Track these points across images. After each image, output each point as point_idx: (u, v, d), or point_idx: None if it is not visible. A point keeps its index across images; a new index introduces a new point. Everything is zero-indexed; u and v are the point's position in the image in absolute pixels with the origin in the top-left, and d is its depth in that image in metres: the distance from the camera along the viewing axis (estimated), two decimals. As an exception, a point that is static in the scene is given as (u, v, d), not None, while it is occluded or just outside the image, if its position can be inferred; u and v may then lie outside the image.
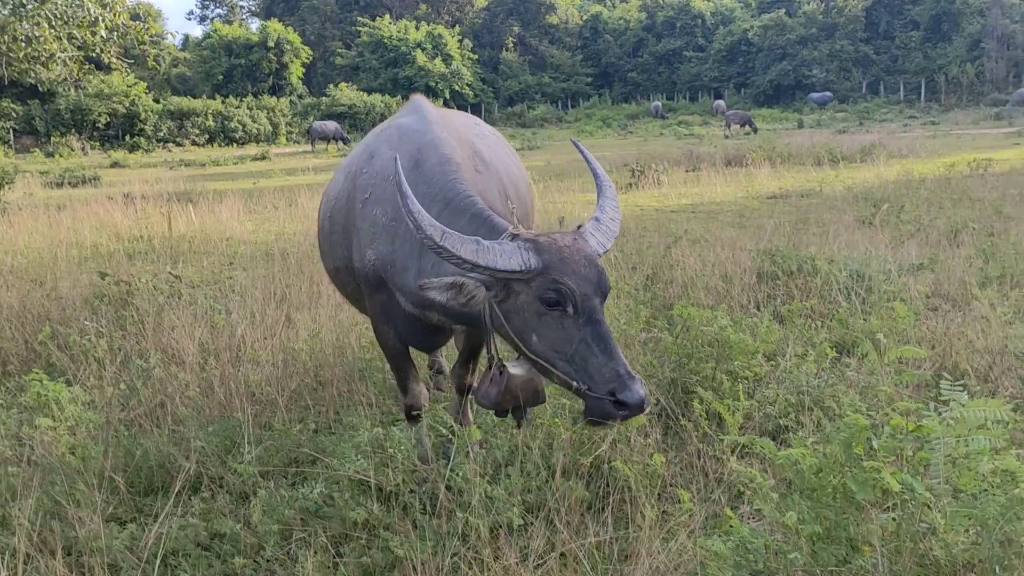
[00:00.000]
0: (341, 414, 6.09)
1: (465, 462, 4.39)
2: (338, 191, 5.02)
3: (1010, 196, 14.31)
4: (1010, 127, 37.18)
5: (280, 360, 6.85)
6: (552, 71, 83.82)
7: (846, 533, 3.44)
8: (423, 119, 4.90)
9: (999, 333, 6.58)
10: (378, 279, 4.55)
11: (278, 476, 5.01)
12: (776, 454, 3.61)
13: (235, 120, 62.25)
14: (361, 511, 4.16)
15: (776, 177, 20.37)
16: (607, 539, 3.99)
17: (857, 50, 74.69)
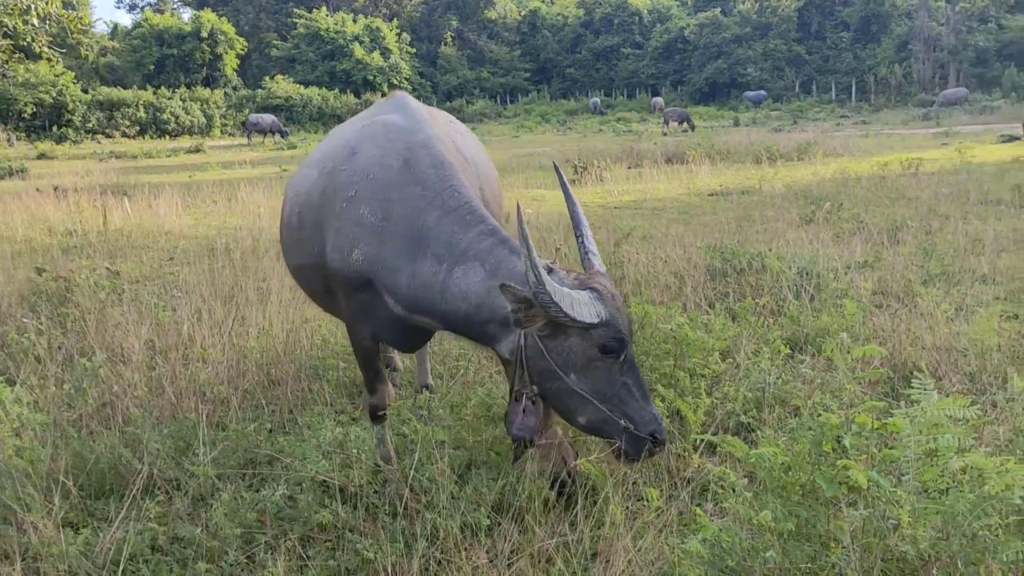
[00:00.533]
0: (296, 413, 6.00)
1: (429, 463, 4.34)
2: (309, 187, 4.86)
3: (942, 195, 14.66)
4: (937, 127, 38.12)
5: (231, 358, 6.71)
6: (491, 66, 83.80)
7: (816, 530, 3.48)
8: (411, 116, 4.81)
9: (944, 330, 6.73)
10: (363, 279, 4.44)
11: (235, 478, 4.90)
12: (746, 452, 3.63)
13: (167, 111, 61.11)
14: (326, 513, 4.09)
15: (716, 174, 20.62)
16: (576, 538, 3.98)
17: (790, 50, 76.01)
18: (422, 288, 4.27)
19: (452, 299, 4.18)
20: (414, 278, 4.27)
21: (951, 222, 11.91)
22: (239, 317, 7.88)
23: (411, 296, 4.31)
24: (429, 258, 4.25)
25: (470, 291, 4.14)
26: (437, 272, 4.21)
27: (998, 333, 6.61)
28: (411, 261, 4.28)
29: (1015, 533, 3.34)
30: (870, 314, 7.36)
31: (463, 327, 4.27)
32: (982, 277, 8.73)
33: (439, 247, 4.25)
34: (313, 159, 5.12)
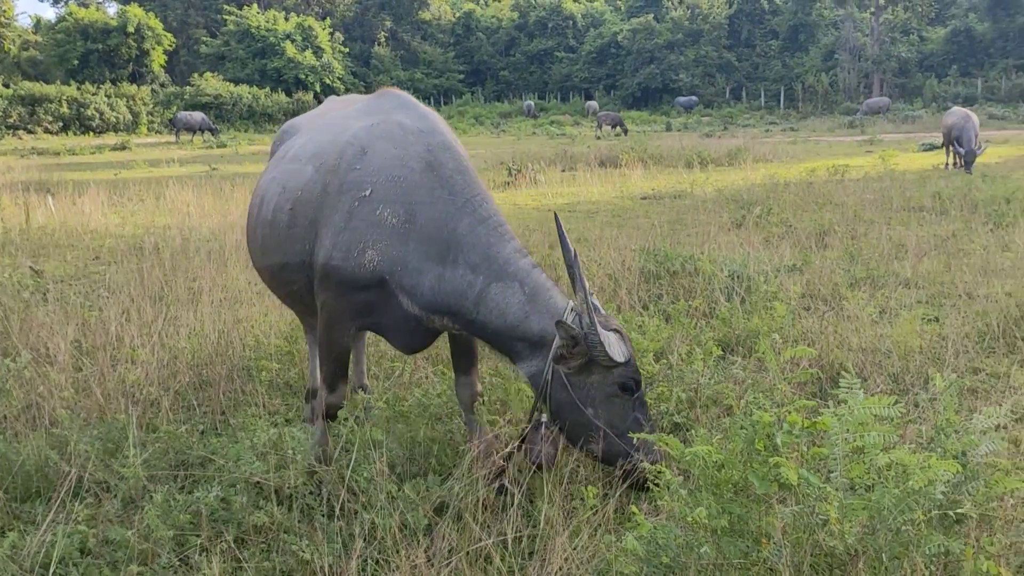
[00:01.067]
0: (228, 415, 5.91)
1: (367, 463, 4.33)
2: (304, 184, 4.74)
3: (867, 201, 15.06)
4: (862, 135, 39.10)
5: (161, 359, 6.60)
6: (425, 67, 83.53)
7: (749, 526, 3.55)
8: (424, 117, 4.78)
9: (869, 332, 6.91)
10: (372, 279, 4.42)
11: (167, 480, 4.82)
12: (681, 451, 3.69)
13: (92, 107, 59.68)
14: (261, 514, 4.04)
15: (649, 178, 20.87)
16: (513, 537, 4.00)
17: (721, 57, 77.23)
18: (451, 294, 4.39)
19: (486, 312, 4.35)
20: (441, 282, 4.38)
21: (875, 227, 12.24)
22: (169, 317, 7.74)
23: (435, 299, 4.41)
24: (461, 266, 4.36)
25: (508, 310, 4.33)
26: (472, 283, 4.35)
27: (919, 335, 6.82)
28: (438, 265, 4.38)
29: (937, 527, 3.45)
30: (799, 316, 7.53)
31: (488, 336, 4.47)
32: (905, 281, 8.99)
33: (475, 256, 4.37)
34: (302, 154, 4.95)
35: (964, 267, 9.34)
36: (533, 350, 4.34)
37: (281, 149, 5.39)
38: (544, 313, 4.31)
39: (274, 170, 5.12)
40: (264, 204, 5.00)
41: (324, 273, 4.53)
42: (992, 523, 3.68)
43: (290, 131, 5.65)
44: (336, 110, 5.39)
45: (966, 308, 7.86)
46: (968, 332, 7.16)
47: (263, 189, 5.09)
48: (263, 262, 5.14)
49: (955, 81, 65.10)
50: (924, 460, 3.34)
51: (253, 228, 5.19)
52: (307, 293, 4.83)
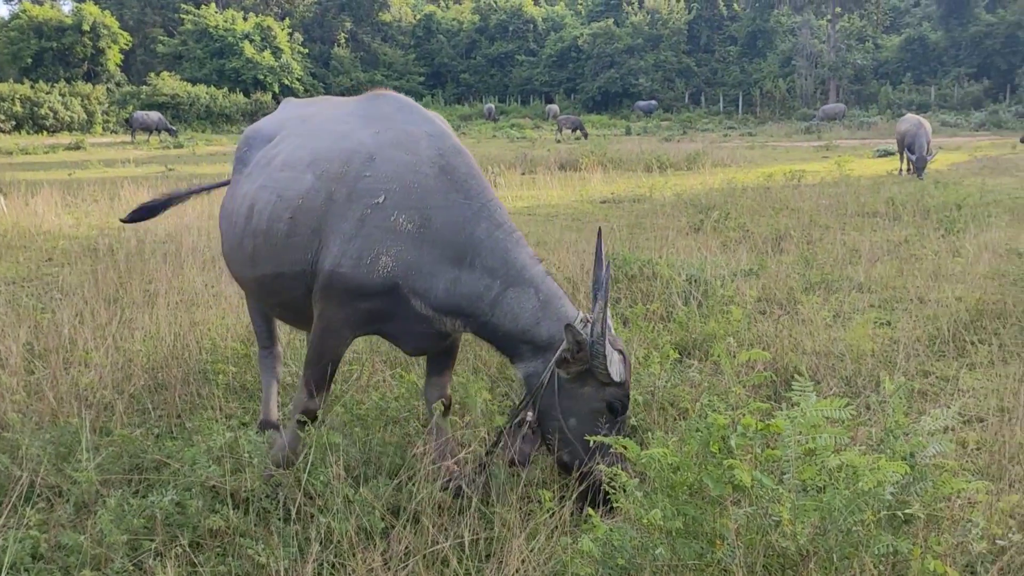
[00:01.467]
0: (184, 418, 5.87)
1: (324, 466, 4.31)
2: (304, 192, 4.61)
3: (823, 206, 15.27)
4: (819, 140, 39.61)
5: (116, 362, 6.52)
6: (385, 69, 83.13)
7: (703, 528, 3.60)
8: (430, 120, 4.78)
9: (823, 335, 7.02)
10: (385, 285, 4.40)
11: (121, 484, 4.77)
12: (637, 453, 3.73)
13: (45, 106, 58.66)
14: (217, 518, 4.02)
15: (608, 182, 20.98)
16: (471, 539, 4.01)
17: (680, 61, 77.80)
18: (466, 297, 4.44)
19: (500, 316, 4.44)
20: (456, 284, 4.42)
21: (830, 232, 12.41)
22: (124, 320, 7.66)
23: (449, 301, 4.45)
24: (479, 269, 4.42)
25: (521, 315, 4.42)
26: (490, 287, 4.42)
27: (872, 339, 6.94)
28: (453, 268, 4.42)
29: (886, 528, 3.52)
30: (754, 320, 7.62)
31: (497, 337, 4.54)
32: (858, 285, 9.14)
33: (493, 261, 4.43)
34: (295, 161, 4.80)
35: (916, 272, 9.52)
36: (536, 353, 4.44)
37: (258, 156, 5.20)
38: (554, 320, 4.41)
39: (260, 178, 4.94)
40: (255, 213, 4.83)
41: (329, 281, 4.47)
42: (940, 523, 3.76)
43: (259, 136, 5.43)
44: (319, 114, 5.23)
45: (917, 312, 8.00)
46: (919, 336, 7.30)
47: (251, 198, 4.91)
48: (252, 272, 4.97)
49: (909, 88, 66.19)
50: (873, 462, 3.41)
51: (238, 238, 4.99)
52: (303, 303, 4.75)
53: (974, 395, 6.15)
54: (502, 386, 5.98)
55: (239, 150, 5.51)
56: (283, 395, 6.36)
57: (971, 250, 10.16)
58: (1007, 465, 4.66)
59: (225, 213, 5.31)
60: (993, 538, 3.70)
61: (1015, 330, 7.18)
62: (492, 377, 6.09)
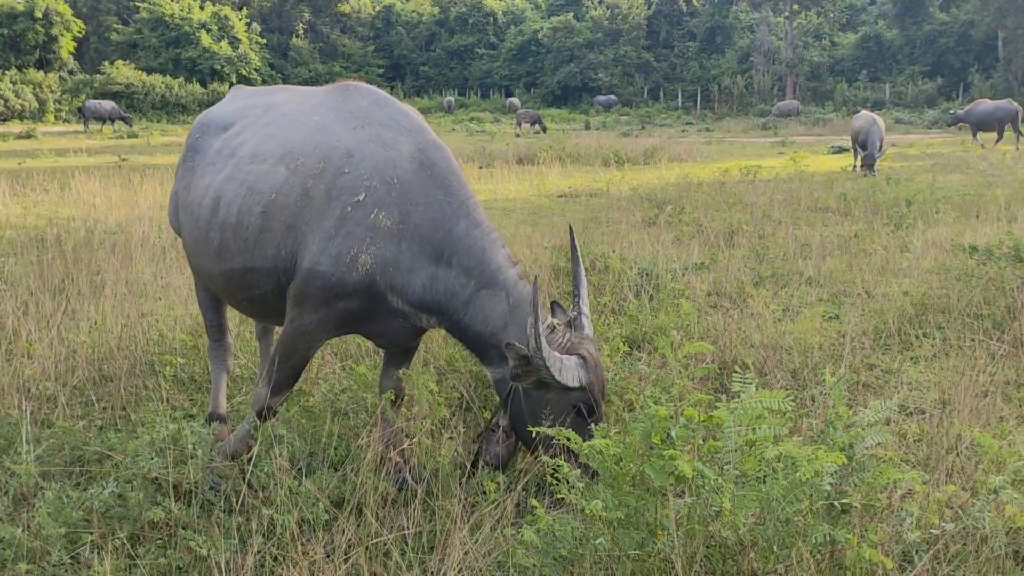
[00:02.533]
0: (129, 410, 5.80)
1: (268, 458, 4.29)
2: (278, 186, 4.50)
3: (776, 201, 15.41)
4: (775, 137, 39.96)
5: (59, 353, 6.42)
6: (344, 60, 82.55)
7: (645, 518, 3.62)
8: (407, 114, 4.74)
9: (772, 329, 7.10)
10: (364, 284, 4.35)
11: (62, 477, 4.70)
12: (580, 444, 3.75)
13: (-4, 94, 57.60)
14: (158, 511, 3.97)
15: (566, 176, 21.02)
16: (415, 531, 4.01)
17: (640, 56, 78.11)
18: (443, 294, 4.45)
19: (472, 315, 4.46)
20: (434, 282, 4.42)
21: (783, 227, 12.54)
22: (69, 311, 7.54)
23: (426, 297, 4.45)
24: (455, 267, 4.42)
25: (491, 317, 4.44)
26: (464, 285, 4.42)
27: (819, 332, 7.03)
28: (432, 264, 4.41)
29: (825, 518, 3.58)
30: (705, 313, 7.69)
31: (467, 339, 4.58)
32: (808, 280, 9.24)
33: (470, 260, 4.43)
34: (265, 153, 4.67)
35: (865, 267, 9.66)
36: (503, 358, 4.42)
37: (216, 144, 5.03)
38: (521, 326, 4.40)
39: (226, 169, 4.79)
40: (222, 206, 4.69)
41: (306, 280, 4.39)
42: (876, 512, 3.82)
43: (213, 124, 5.26)
44: (284, 103, 5.07)
45: (864, 306, 8.12)
46: (865, 329, 7.41)
47: (216, 190, 4.75)
48: (218, 267, 4.80)
49: (864, 86, 67.01)
50: (812, 453, 3.45)
51: (202, 231, 4.83)
52: (273, 298, 4.67)
53: (917, 388, 6.26)
54: (450, 378, 5.97)
55: (191, 137, 5.33)
56: (232, 388, 6.31)
57: (918, 245, 10.32)
58: (945, 456, 4.75)
59: (183, 204, 5.15)
60: (928, 527, 3.77)
61: (958, 324, 7.31)
62: (440, 369, 6.07)
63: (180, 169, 5.34)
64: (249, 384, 6.41)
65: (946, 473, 4.57)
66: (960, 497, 4.19)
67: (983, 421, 5.24)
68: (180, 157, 5.41)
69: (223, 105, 5.51)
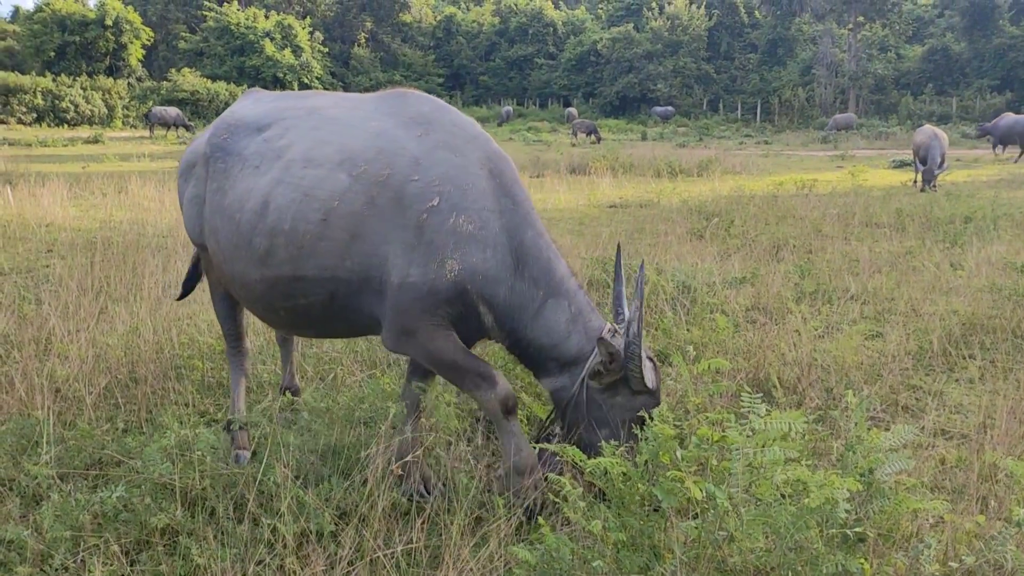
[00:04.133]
0: (154, 413, 5.82)
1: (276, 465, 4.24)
2: (339, 193, 4.33)
3: (829, 215, 15.09)
4: (835, 150, 39.31)
5: (91, 355, 6.48)
6: (404, 69, 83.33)
7: (650, 540, 3.51)
8: (469, 123, 4.66)
9: (808, 346, 6.89)
10: (457, 290, 4.24)
11: (78, 478, 4.72)
12: (586, 462, 3.65)
13: (67, 100, 59.08)
14: (163, 516, 3.95)
15: (617, 187, 20.88)
16: (420, 546, 3.93)
17: (699, 68, 77.57)
18: (517, 308, 4.38)
19: (538, 328, 4.39)
20: (511, 294, 4.36)
21: (833, 242, 12.27)
22: (107, 313, 7.63)
23: (505, 311, 4.39)
24: (526, 279, 4.36)
25: (555, 328, 4.38)
26: (534, 297, 4.38)
27: (859, 351, 6.82)
28: (510, 275, 4.35)
29: (840, 546, 3.43)
30: (742, 329, 7.51)
31: (528, 352, 4.50)
32: (852, 296, 8.99)
33: (537, 270, 4.38)
34: (320, 158, 4.48)
35: (913, 284, 9.37)
36: (562, 368, 4.41)
37: (253, 147, 4.80)
38: (582, 334, 4.38)
39: (272, 172, 4.57)
40: (271, 211, 4.47)
41: (400, 296, 4.25)
42: (893, 543, 3.66)
43: (243, 125, 4.97)
44: (331, 107, 4.88)
45: (910, 325, 7.87)
46: (909, 348, 7.17)
47: (264, 193, 4.52)
48: (261, 273, 4.58)
49: (930, 99, 65.73)
50: (824, 478, 3.31)
51: (245, 236, 4.59)
52: (320, 308, 4.52)
53: (959, 411, 6.03)
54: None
55: (216, 137, 5.02)
56: (258, 393, 6.31)
57: (972, 263, 10.01)
58: (978, 484, 4.54)
59: (215, 208, 4.87)
60: (951, 559, 3.59)
61: (1006, 346, 7.04)
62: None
63: (202, 170, 5.03)
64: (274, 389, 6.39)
65: (979, 502, 4.37)
66: (991, 528, 4.00)
67: (1022, 449, 5.01)
68: (192, 160, 5.19)
69: (246, 106, 5.24)
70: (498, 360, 5.86)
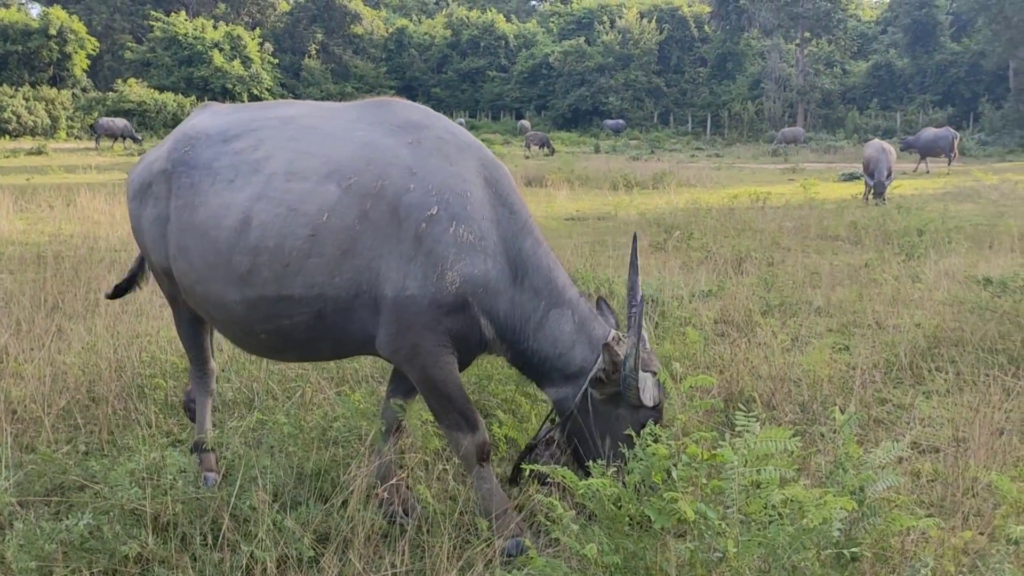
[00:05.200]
0: (116, 435, 5.63)
1: (252, 488, 4.10)
2: (329, 206, 4.15)
3: (786, 228, 15.23)
4: (785, 163, 39.81)
5: (48, 374, 6.26)
6: (356, 81, 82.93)
7: (643, 562, 3.44)
8: (459, 130, 4.53)
9: (779, 360, 6.89)
10: (459, 302, 4.13)
11: (39, 505, 4.53)
12: (575, 483, 3.57)
13: (9, 110, 57.84)
14: (134, 544, 3.80)
15: (574, 199, 20.91)
16: (403, 570, 3.82)
17: (650, 81, 78.25)
18: (519, 319, 4.31)
19: (542, 339, 4.33)
20: (513, 306, 4.28)
21: (792, 255, 12.37)
22: (63, 330, 7.39)
23: (507, 323, 4.31)
24: (527, 289, 4.29)
25: (560, 338, 4.33)
26: (536, 308, 4.30)
27: (829, 365, 6.83)
28: (510, 286, 4.27)
29: (834, 565, 3.38)
30: (711, 342, 7.49)
31: (531, 364, 4.44)
32: (817, 309, 9.04)
33: (538, 280, 4.31)
34: (305, 171, 4.27)
35: (875, 297, 9.45)
36: (566, 380, 4.37)
37: (224, 160, 4.47)
38: (586, 343, 4.34)
39: (251, 187, 4.31)
40: (253, 228, 4.23)
41: (397, 311, 4.10)
42: (887, 561, 3.63)
43: (206, 137, 4.63)
44: (309, 116, 4.63)
45: (875, 338, 7.92)
46: (876, 362, 7.21)
47: (244, 209, 4.27)
48: (241, 294, 4.33)
49: (875, 114, 66.88)
50: (819, 497, 3.26)
51: (224, 255, 4.32)
52: (303, 330, 4.31)
53: (930, 424, 6.05)
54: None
55: (177, 151, 4.65)
56: (224, 413, 6.14)
57: (930, 276, 10.12)
58: (961, 499, 4.54)
59: (185, 226, 4.52)
60: (943, 576, 3.57)
61: (972, 358, 7.10)
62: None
63: (163, 188, 4.67)
64: (243, 409, 6.22)
65: (962, 517, 4.37)
66: (978, 543, 3.99)
67: (999, 461, 5.02)
68: (146, 179, 4.80)
69: (204, 119, 4.88)
70: (471, 372, 5.76)
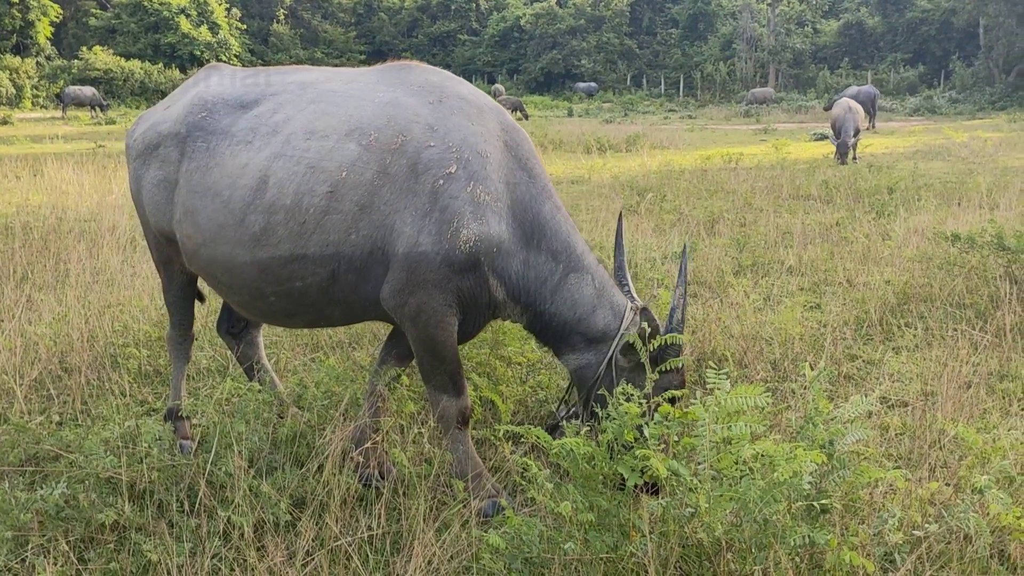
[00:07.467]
0: (89, 404, 5.61)
1: (228, 456, 4.11)
2: (349, 163, 4.15)
3: (758, 189, 15.28)
4: (757, 124, 39.86)
5: (19, 345, 6.22)
6: (325, 47, 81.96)
7: (617, 520, 3.49)
8: (479, 92, 4.53)
9: (752, 319, 6.96)
10: (471, 261, 4.14)
11: (14, 476, 4.52)
12: (550, 443, 3.60)
13: (-29, 80, 56.85)
14: (110, 512, 3.80)
15: (548, 163, 20.83)
16: (379, 532, 3.86)
17: (622, 43, 77.83)
18: (534, 281, 4.32)
19: (560, 303, 4.34)
20: (526, 268, 4.29)
21: (764, 215, 12.42)
22: (33, 301, 7.34)
23: (520, 285, 4.32)
24: (544, 252, 4.30)
25: (580, 302, 4.34)
26: (554, 271, 4.31)
27: (800, 323, 6.90)
28: (524, 248, 4.27)
29: (804, 518, 3.44)
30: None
31: (550, 329, 4.44)
32: (789, 268, 9.12)
33: (556, 243, 4.32)
34: (325, 129, 4.28)
35: (846, 255, 9.54)
36: (589, 344, 4.38)
37: (242, 123, 4.50)
38: (608, 309, 4.37)
39: (270, 147, 4.33)
40: (271, 186, 4.24)
41: (409, 267, 4.11)
42: (857, 513, 3.70)
43: (225, 102, 4.64)
44: (327, 80, 4.64)
45: (846, 295, 8.00)
46: (847, 319, 7.29)
47: (261, 169, 4.28)
48: (253, 255, 4.33)
49: (847, 73, 66.86)
50: (790, 451, 3.32)
51: (237, 215, 4.32)
52: (316, 291, 4.33)
53: (899, 379, 6.14)
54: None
55: (194, 116, 4.64)
56: (199, 379, 6.14)
57: (900, 233, 10.21)
58: (928, 451, 4.63)
59: (196, 188, 4.50)
60: (911, 527, 3.64)
61: (940, 314, 7.20)
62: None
63: (174, 152, 4.65)
64: (217, 377, 6.21)
65: (929, 469, 4.45)
66: (943, 493, 4.08)
67: (966, 414, 5.12)
68: (154, 140, 4.78)
69: (221, 83, 4.88)
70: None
